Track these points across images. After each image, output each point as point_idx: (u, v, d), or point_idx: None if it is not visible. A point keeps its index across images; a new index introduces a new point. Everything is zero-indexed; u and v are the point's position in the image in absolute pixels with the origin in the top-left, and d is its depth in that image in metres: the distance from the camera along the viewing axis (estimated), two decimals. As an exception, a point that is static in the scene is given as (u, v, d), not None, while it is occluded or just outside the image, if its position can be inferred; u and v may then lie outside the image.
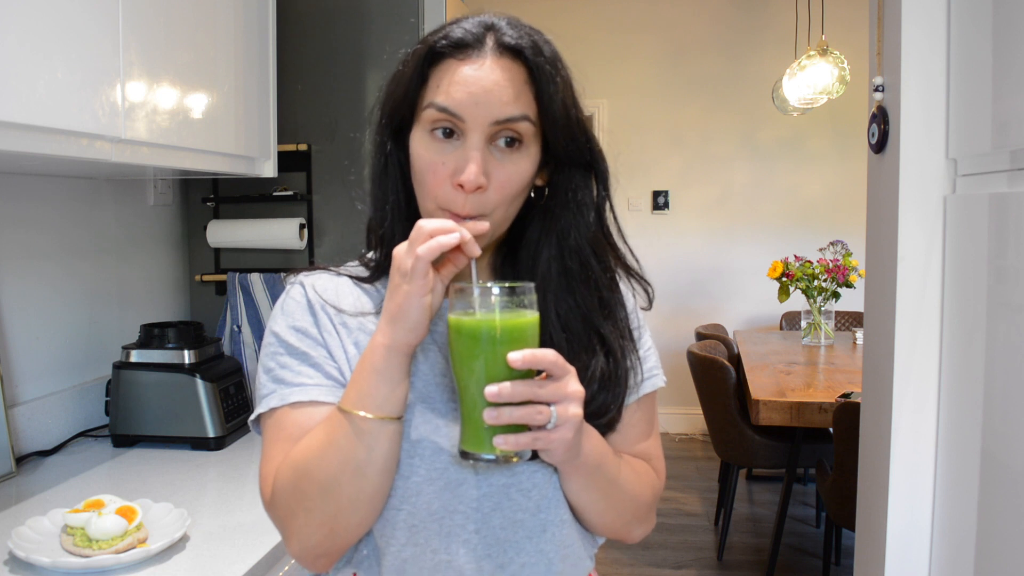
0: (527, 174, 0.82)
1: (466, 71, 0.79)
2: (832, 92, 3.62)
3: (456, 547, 0.82)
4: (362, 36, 2.06)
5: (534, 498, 0.84)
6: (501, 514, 0.83)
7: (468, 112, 0.78)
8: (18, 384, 1.66)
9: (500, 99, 0.78)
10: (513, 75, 0.79)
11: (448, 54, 0.80)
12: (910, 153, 1.53)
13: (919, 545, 1.54)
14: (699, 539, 3.50)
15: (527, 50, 0.79)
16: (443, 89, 0.79)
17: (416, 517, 0.82)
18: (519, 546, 0.84)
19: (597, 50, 4.83)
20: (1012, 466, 1.26)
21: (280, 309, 0.89)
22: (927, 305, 1.52)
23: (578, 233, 0.86)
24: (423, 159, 0.81)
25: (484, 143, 0.79)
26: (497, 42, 0.80)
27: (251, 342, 2.08)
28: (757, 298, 4.92)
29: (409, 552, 0.82)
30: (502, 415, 0.71)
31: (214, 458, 1.66)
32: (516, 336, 0.72)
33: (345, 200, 2.10)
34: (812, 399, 2.74)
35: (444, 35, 0.81)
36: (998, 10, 1.33)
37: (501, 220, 0.83)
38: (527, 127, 0.80)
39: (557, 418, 0.72)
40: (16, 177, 1.66)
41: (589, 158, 0.85)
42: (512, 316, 0.73)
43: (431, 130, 0.80)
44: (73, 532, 1.17)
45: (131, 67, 1.36)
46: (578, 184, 0.86)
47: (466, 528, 0.82)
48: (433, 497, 0.81)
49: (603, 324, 0.87)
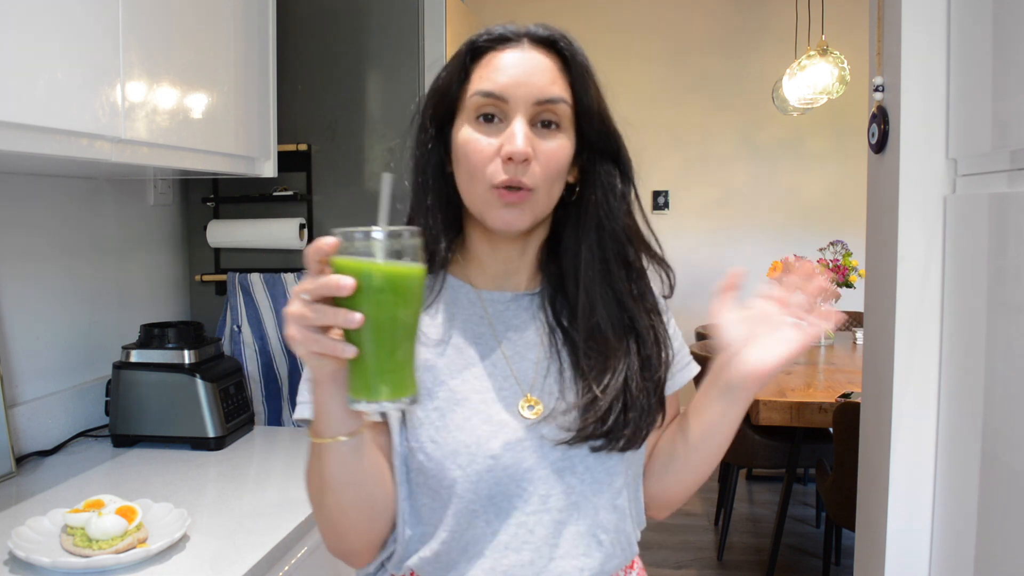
0: (567, 153, 0.87)
1: (506, 57, 0.85)
2: (832, 92, 3.62)
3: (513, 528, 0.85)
4: (362, 36, 2.06)
5: (587, 482, 0.87)
6: (557, 498, 0.86)
7: (511, 92, 0.84)
8: (18, 384, 1.66)
9: (541, 81, 0.84)
10: (551, 61, 0.86)
11: (489, 48, 0.87)
12: (910, 153, 1.53)
13: (919, 545, 1.54)
14: (699, 539, 3.50)
15: (560, 41, 0.87)
16: (486, 76, 0.85)
17: (475, 503, 0.85)
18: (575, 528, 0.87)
19: (597, 50, 4.77)
20: (1012, 466, 1.26)
21: None
22: (927, 305, 1.52)
23: (613, 221, 0.90)
24: (470, 143, 0.85)
25: (527, 121, 0.84)
26: (533, 36, 0.87)
27: (251, 342, 2.08)
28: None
29: (470, 535, 0.86)
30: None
31: (214, 458, 1.66)
32: (398, 282, 0.68)
33: (345, 200, 2.10)
34: (812, 399, 2.74)
35: (484, 33, 0.88)
36: (998, 10, 1.33)
37: (545, 198, 0.87)
38: (565, 110, 0.86)
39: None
40: (16, 177, 1.66)
41: (616, 148, 0.91)
42: (395, 264, 0.69)
43: (476, 117, 0.85)
44: (73, 532, 1.17)
45: (131, 67, 1.36)
46: (609, 174, 0.91)
47: (523, 511, 0.85)
48: (491, 483, 0.84)
49: (637, 309, 0.92)
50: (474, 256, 0.94)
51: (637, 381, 0.89)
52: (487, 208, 0.85)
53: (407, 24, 2.04)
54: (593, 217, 0.90)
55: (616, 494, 0.90)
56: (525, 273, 0.94)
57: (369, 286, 0.67)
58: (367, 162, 2.09)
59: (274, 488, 1.51)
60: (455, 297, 0.93)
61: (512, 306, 0.93)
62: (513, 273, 0.94)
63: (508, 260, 0.93)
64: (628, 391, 0.88)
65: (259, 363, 2.08)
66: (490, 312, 0.92)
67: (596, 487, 0.88)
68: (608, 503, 0.89)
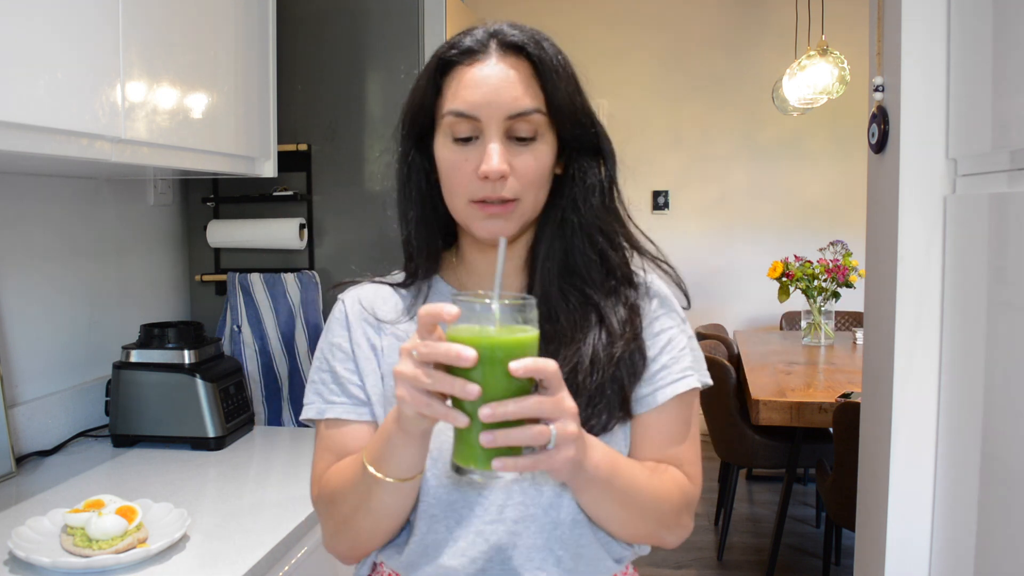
0: (545, 161, 0.87)
1: (475, 73, 0.84)
2: (832, 92, 3.62)
3: (471, 536, 0.87)
4: (362, 36, 2.07)
5: (546, 494, 0.87)
6: (514, 508, 0.86)
7: (482, 111, 0.83)
8: (18, 384, 1.66)
9: (511, 95, 0.83)
10: (519, 71, 0.85)
11: (457, 61, 0.86)
12: (910, 153, 1.53)
13: (919, 545, 1.54)
14: (699, 539, 3.50)
15: (529, 45, 0.85)
16: (457, 95, 0.85)
17: (436, 508, 0.87)
18: (530, 540, 0.86)
19: (597, 50, 4.82)
20: (1012, 466, 1.26)
21: (326, 325, 0.98)
22: (927, 305, 1.52)
23: (582, 210, 0.90)
24: (447, 161, 0.87)
25: (502, 136, 0.84)
26: (500, 43, 0.85)
27: (251, 342, 2.08)
28: (757, 298, 4.92)
29: (431, 539, 0.88)
30: (498, 437, 0.67)
31: (214, 458, 1.66)
32: (515, 355, 0.68)
33: (345, 200, 2.10)
34: (812, 399, 2.74)
35: (451, 45, 0.87)
36: (998, 10, 1.33)
37: (531, 205, 0.87)
38: (539, 118, 0.85)
39: (556, 437, 0.69)
40: (16, 177, 1.66)
41: (596, 142, 0.90)
42: (512, 333, 0.69)
43: (452, 136, 0.86)
44: (73, 532, 1.17)
45: (131, 67, 1.36)
46: (586, 168, 0.90)
47: (483, 519, 0.87)
48: (453, 489, 0.87)
49: (604, 301, 0.90)
50: (464, 259, 0.96)
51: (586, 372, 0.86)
52: (471, 221, 0.87)
53: (407, 24, 2.04)
54: (559, 210, 0.90)
55: (579, 510, 0.87)
56: (513, 275, 0.94)
57: (487, 357, 0.67)
58: (367, 162, 2.09)
59: (274, 488, 1.51)
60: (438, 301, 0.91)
61: None
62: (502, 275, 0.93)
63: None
64: (575, 379, 0.85)
65: (259, 363, 2.08)
66: None
67: (555, 500, 0.87)
68: (568, 518, 0.87)
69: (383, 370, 0.92)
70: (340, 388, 0.92)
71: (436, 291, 0.96)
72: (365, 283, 0.99)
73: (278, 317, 2.07)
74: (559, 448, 0.70)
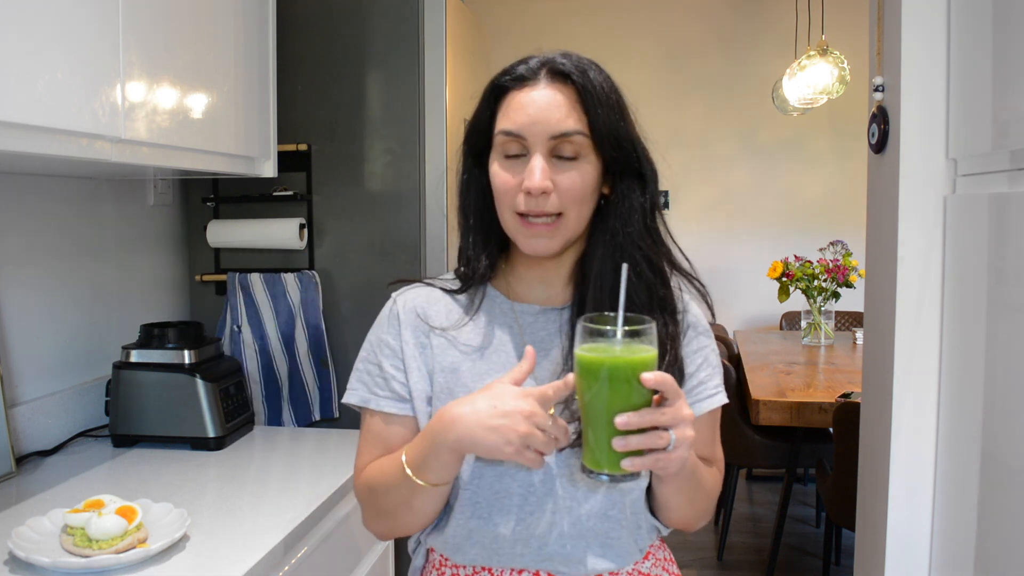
0: (589, 180, 0.94)
1: (524, 97, 0.93)
2: (832, 92, 3.62)
3: (511, 523, 0.96)
4: (362, 36, 2.07)
5: (581, 489, 0.96)
6: (552, 500, 0.96)
7: (528, 131, 0.92)
8: (18, 384, 1.66)
9: (555, 116, 0.91)
10: (565, 95, 0.93)
11: (510, 87, 0.95)
12: (910, 153, 1.52)
13: (919, 545, 1.54)
14: (699, 539, 3.50)
15: (574, 73, 0.93)
16: (507, 116, 0.94)
17: (480, 495, 0.96)
18: (561, 530, 0.96)
19: (596, 50, 4.76)
20: (1012, 466, 1.26)
21: (377, 318, 1.06)
22: (927, 305, 1.52)
23: (624, 233, 0.96)
24: (499, 176, 0.95)
25: (546, 155, 0.92)
26: (550, 71, 0.94)
27: (251, 342, 2.08)
28: (757, 298, 4.92)
29: (474, 524, 0.97)
30: (630, 442, 0.79)
31: (214, 458, 1.66)
32: (639, 371, 0.79)
33: (345, 200, 2.10)
34: (812, 399, 2.74)
35: (505, 72, 0.96)
36: (998, 10, 1.33)
37: (575, 220, 0.95)
38: (582, 140, 0.92)
39: (675, 440, 0.80)
40: (16, 177, 1.66)
41: (637, 166, 0.97)
42: (636, 354, 0.79)
43: (503, 154, 0.95)
44: (73, 532, 1.17)
45: (131, 67, 1.36)
46: (629, 190, 0.97)
47: (523, 508, 0.96)
48: (495, 479, 0.96)
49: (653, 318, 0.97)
50: (515, 269, 1.04)
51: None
52: (517, 235, 0.96)
53: (407, 24, 2.04)
54: (609, 228, 0.97)
55: (610, 505, 0.97)
56: (559, 286, 1.02)
57: (617, 375, 0.78)
58: (367, 162, 2.09)
59: (274, 488, 1.51)
60: (491, 307, 1.03)
61: (541, 318, 1.01)
62: (548, 286, 1.03)
63: (543, 273, 1.02)
64: None
65: (259, 363, 2.08)
66: (521, 323, 1.01)
67: (588, 495, 0.96)
68: (600, 512, 0.97)
69: (429, 368, 1.00)
70: (385, 383, 1.00)
71: (489, 298, 1.03)
72: (419, 285, 1.06)
73: (278, 317, 2.07)
74: (677, 449, 0.81)
